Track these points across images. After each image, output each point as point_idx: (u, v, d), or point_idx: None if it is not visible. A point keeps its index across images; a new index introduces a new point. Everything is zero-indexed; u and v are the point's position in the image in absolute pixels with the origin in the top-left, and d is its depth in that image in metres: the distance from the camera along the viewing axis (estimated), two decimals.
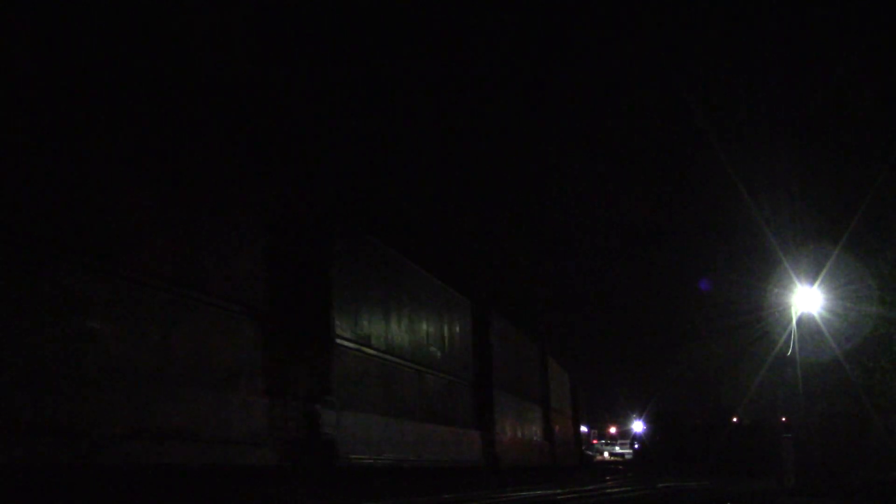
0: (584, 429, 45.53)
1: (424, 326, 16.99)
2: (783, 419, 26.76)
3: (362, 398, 13.03)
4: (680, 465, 35.75)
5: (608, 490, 19.63)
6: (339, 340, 12.25)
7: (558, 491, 17.42)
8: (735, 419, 36.91)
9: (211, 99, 10.15)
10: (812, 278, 20.79)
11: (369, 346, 13.61)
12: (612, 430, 66.96)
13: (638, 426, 51.05)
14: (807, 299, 20.79)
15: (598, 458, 57.70)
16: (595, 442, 63.39)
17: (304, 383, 10.98)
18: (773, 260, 22.59)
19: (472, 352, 20.64)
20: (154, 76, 8.83)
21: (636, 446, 49.54)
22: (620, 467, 47.15)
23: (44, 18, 7.33)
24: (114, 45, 8.24)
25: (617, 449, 63.41)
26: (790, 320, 20.90)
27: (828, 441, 22.74)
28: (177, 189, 8.81)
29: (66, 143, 7.31)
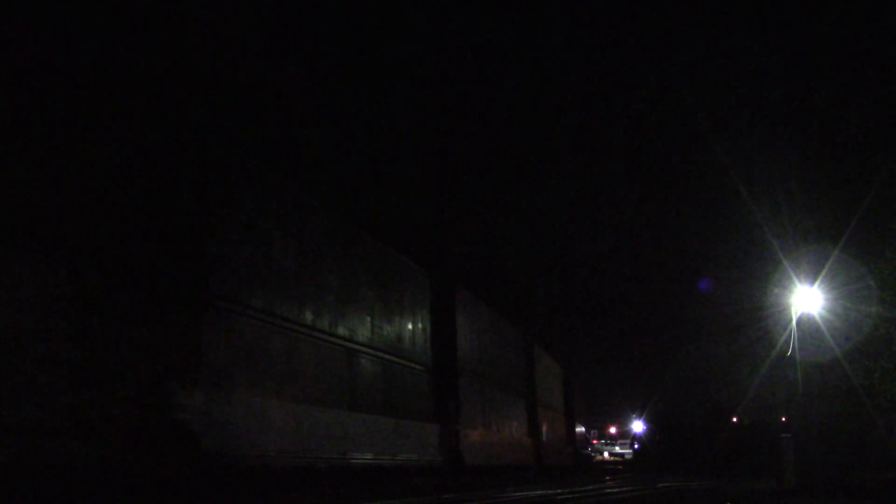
0: (580, 428, 43.35)
1: (362, 296, 13.84)
2: (783, 419, 26.37)
3: (258, 379, 10.05)
4: (680, 465, 35.39)
5: (608, 490, 19.20)
6: (218, 301, 9.34)
7: (558, 491, 17.04)
8: (735, 419, 36.52)
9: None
10: (812, 278, 20.44)
11: (271, 313, 10.63)
12: (612, 430, 66.61)
13: (638, 426, 50.64)
14: (807, 299, 20.43)
15: (598, 458, 57.33)
16: (595, 442, 63.04)
17: (147, 354, 8.00)
18: (773, 260, 22.32)
19: (430, 332, 17.39)
20: None
21: (636, 446, 49.15)
22: (620, 467, 46.80)
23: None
24: None
25: (617, 449, 62.96)
26: (790, 320, 20.53)
27: (828, 441, 22.34)
28: None
29: None
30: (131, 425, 7.63)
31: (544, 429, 28.49)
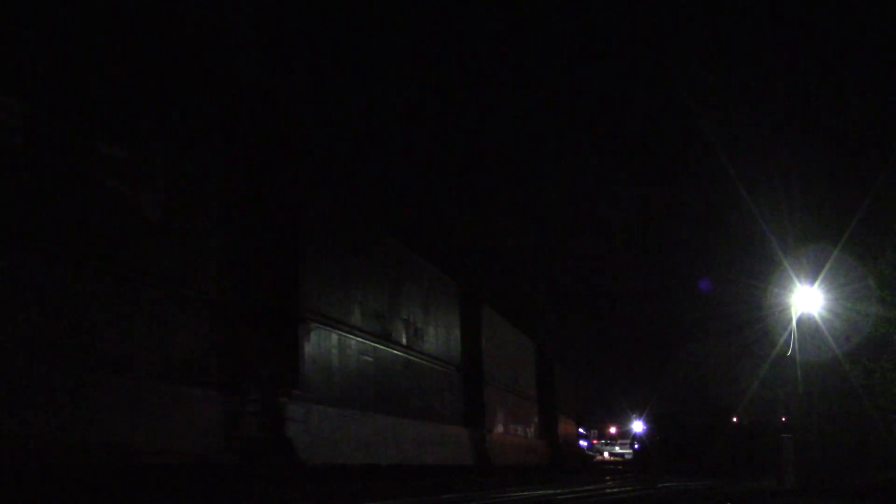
0: (570, 425, 37.53)
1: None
2: (783, 419, 26.39)
3: None
4: (680, 465, 35.38)
5: (608, 490, 19.25)
6: None
7: (558, 491, 17.11)
8: (735, 419, 36.55)
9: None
10: (812, 278, 20.47)
11: None
12: (612, 430, 66.64)
13: (638, 426, 50.66)
14: (807, 299, 20.45)
15: (599, 457, 57.38)
16: (595, 442, 63.10)
17: None
18: (773, 260, 22.36)
19: (223, 245, 9.81)
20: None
21: (636, 446, 49.14)
22: (620, 467, 46.86)
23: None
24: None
25: (617, 449, 62.90)
26: (790, 320, 20.55)
27: (828, 441, 22.37)
28: None
29: None
30: None
31: (498, 417, 22.21)
